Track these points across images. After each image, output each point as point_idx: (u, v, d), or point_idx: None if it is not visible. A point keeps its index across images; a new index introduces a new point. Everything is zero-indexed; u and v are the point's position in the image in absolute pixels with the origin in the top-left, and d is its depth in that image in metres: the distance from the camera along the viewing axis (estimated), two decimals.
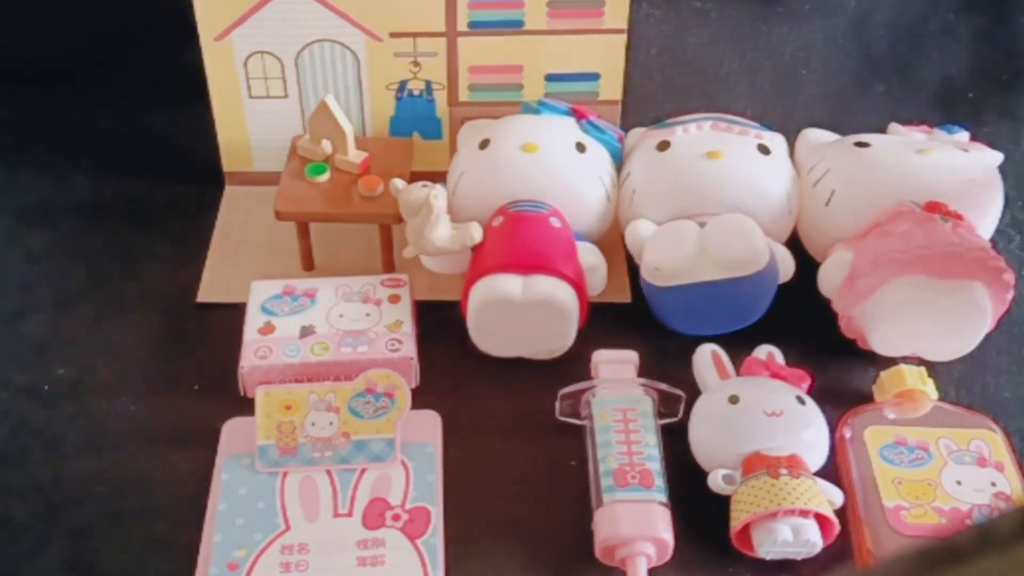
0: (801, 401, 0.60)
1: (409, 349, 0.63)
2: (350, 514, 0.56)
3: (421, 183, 0.65)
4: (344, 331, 0.64)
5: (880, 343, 0.65)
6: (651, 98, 0.84)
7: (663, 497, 0.56)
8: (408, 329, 0.64)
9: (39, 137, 0.81)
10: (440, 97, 0.75)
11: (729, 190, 0.66)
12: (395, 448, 0.59)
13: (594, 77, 0.74)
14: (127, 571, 0.56)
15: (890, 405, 0.62)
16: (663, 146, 0.68)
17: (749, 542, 0.55)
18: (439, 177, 0.70)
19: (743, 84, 0.87)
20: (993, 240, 0.66)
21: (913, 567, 0.23)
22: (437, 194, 0.64)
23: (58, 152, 0.80)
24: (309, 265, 0.71)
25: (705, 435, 0.59)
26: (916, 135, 0.71)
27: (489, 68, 0.73)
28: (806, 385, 0.61)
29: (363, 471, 0.58)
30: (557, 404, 0.61)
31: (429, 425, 0.61)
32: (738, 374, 0.62)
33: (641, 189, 0.68)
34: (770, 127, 0.71)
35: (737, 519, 0.55)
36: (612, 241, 0.71)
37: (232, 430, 0.60)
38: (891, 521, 0.55)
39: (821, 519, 0.55)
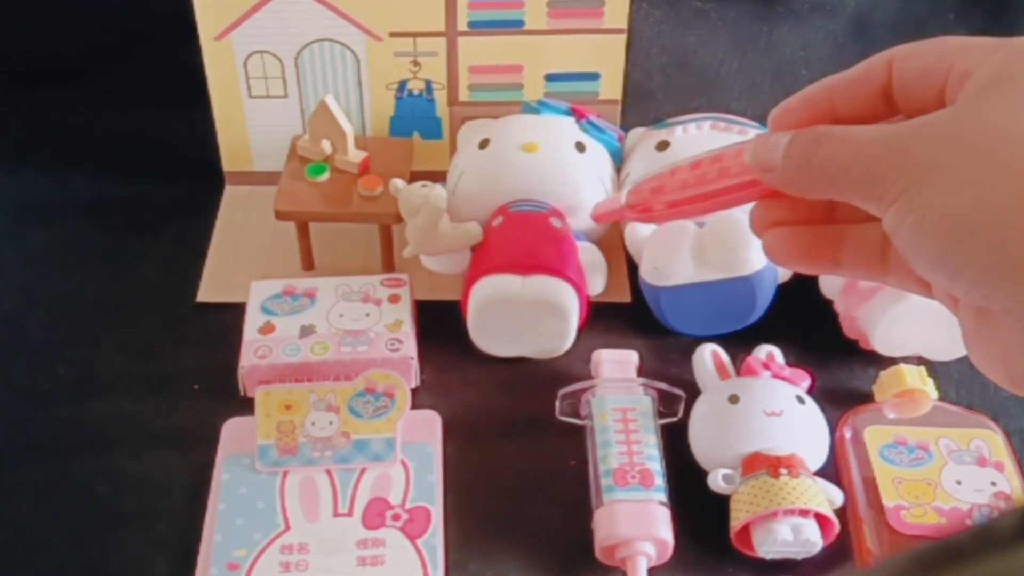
0: (801, 401, 0.60)
1: (409, 349, 0.63)
2: (350, 514, 0.56)
3: (421, 183, 0.65)
4: (344, 331, 0.64)
5: (882, 343, 0.65)
6: (651, 98, 0.84)
7: (663, 497, 0.56)
8: (408, 329, 0.64)
9: (39, 137, 0.81)
10: (440, 97, 0.75)
11: None
12: (395, 448, 0.59)
13: (594, 77, 0.74)
14: (127, 571, 0.56)
15: (890, 405, 0.62)
16: (663, 146, 0.68)
17: (749, 542, 0.55)
18: (439, 177, 0.70)
19: (743, 84, 0.87)
20: None
21: (913, 567, 0.23)
22: (437, 194, 0.64)
23: (58, 152, 0.80)
24: (309, 265, 0.71)
25: (705, 435, 0.59)
26: None
27: (489, 68, 0.73)
28: (806, 385, 0.61)
29: (363, 471, 0.58)
30: (557, 404, 0.61)
31: (429, 425, 0.61)
32: (738, 374, 0.62)
33: None
34: None
35: (737, 519, 0.55)
36: (612, 241, 0.71)
37: (232, 430, 0.60)
38: (891, 521, 0.55)
39: (821, 519, 0.55)
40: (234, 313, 0.66)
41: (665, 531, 0.55)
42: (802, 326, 0.67)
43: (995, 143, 0.28)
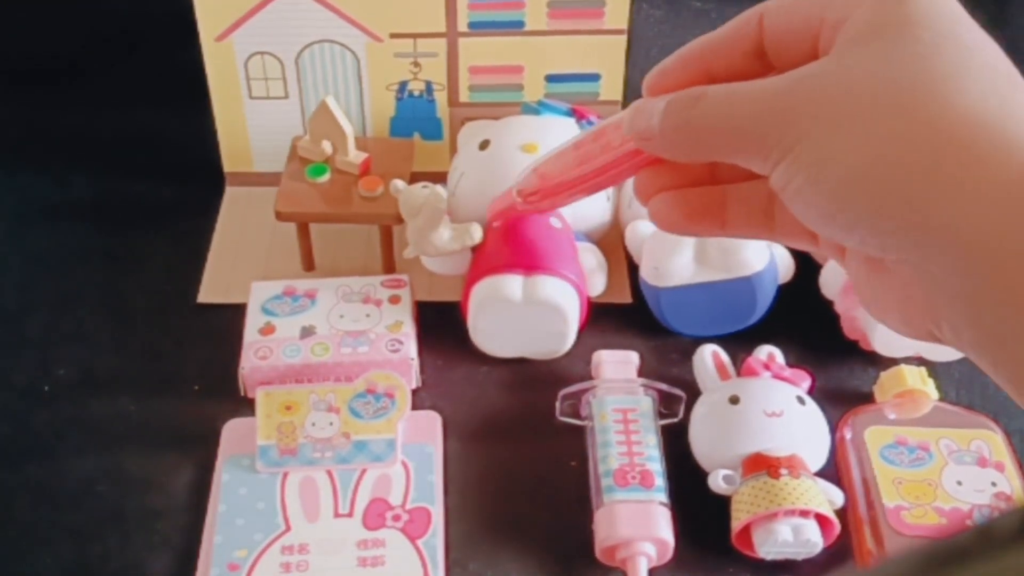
0: (801, 401, 0.60)
1: (409, 350, 0.63)
2: (350, 514, 0.56)
3: (421, 184, 0.65)
4: (344, 332, 0.64)
5: (883, 344, 0.65)
6: None
7: (663, 497, 0.56)
8: (408, 330, 0.64)
9: (39, 137, 0.81)
10: (440, 97, 0.75)
11: None
12: (395, 448, 0.59)
13: (594, 77, 0.74)
14: (127, 571, 0.56)
15: (890, 405, 0.62)
16: None
17: (749, 542, 0.55)
18: (439, 177, 0.70)
19: None
20: None
21: (913, 567, 0.23)
22: (437, 195, 0.64)
23: (58, 152, 0.80)
24: (309, 266, 0.71)
25: (705, 436, 0.59)
26: None
27: (489, 68, 0.73)
28: (806, 385, 0.61)
29: (363, 471, 0.58)
30: (557, 404, 0.61)
31: (429, 425, 0.61)
32: (738, 374, 0.62)
33: None
34: None
35: (737, 519, 0.55)
36: (612, 241, 0.71)
37: (232, 430, 0.60)
38: (891, 521, 0.55)
39: (821, 519, 0.55)
40: (234, 314, 0.66)
41: (665, 532, 0.55)
42: (802, 326, 0.67)
43: (876, 93, 0.27)
